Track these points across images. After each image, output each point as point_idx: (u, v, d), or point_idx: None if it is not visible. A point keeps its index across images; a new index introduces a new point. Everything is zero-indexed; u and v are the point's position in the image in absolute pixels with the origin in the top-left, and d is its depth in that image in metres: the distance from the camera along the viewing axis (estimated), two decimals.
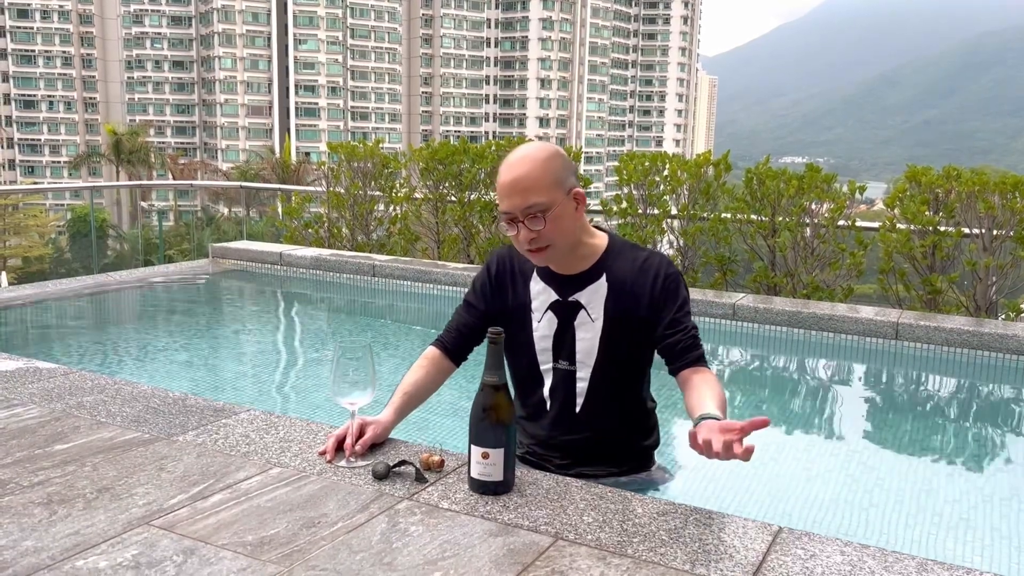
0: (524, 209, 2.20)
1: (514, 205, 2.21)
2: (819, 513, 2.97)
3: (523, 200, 2.20)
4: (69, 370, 3.02)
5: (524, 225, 2.21)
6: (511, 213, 2.23)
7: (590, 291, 2.35)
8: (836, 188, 6.22)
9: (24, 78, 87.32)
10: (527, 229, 2.21)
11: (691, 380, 2.23)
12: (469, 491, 2.03)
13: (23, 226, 26.81)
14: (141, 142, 50.64)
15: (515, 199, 2.21)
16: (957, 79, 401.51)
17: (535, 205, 2.20)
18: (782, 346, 5.10)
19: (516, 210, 2.21)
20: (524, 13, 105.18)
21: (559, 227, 2.23)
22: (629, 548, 1.78)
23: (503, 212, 2.25)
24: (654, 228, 6.61)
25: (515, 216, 2.22)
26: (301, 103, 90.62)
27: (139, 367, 4.65)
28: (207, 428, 2.43)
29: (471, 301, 2.49)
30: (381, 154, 8.08)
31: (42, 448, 2.26)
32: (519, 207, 2.21)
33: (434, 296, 6.12)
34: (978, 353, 4.61)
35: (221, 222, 17.91)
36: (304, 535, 1.80)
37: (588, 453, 2.43)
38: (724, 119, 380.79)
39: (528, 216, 2.20)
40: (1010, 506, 3.10)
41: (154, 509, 1.91)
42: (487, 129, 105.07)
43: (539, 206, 2.20)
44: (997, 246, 5.63)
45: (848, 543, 1.82)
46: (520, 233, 2.23)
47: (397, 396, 2.33)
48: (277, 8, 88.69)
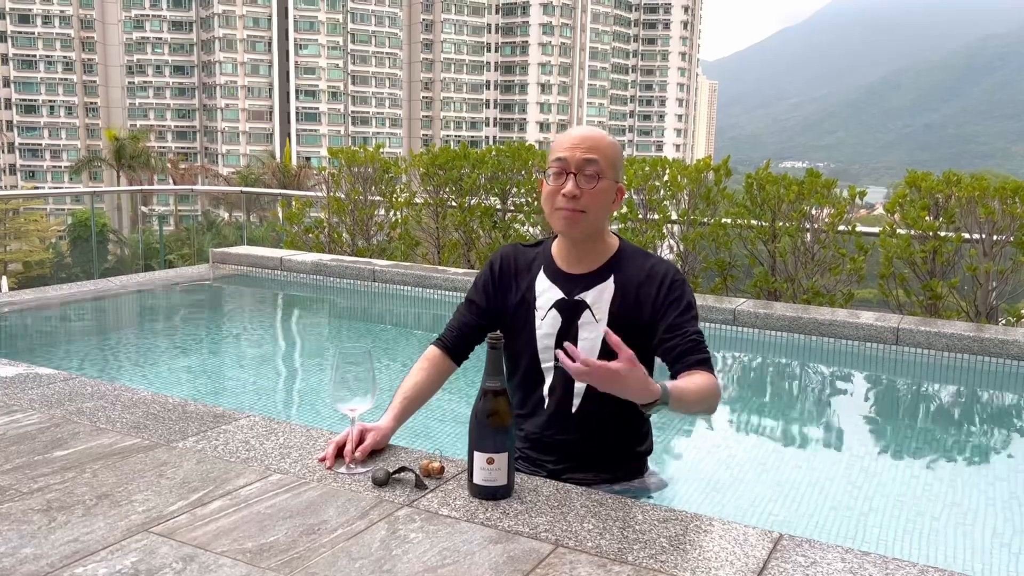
0: (584, 161, 2.24)
1: (576, 156, 2.25)
2: (820, 520, 2.96)
3: (586, 153, 2.24)
4: (69, 376, 3.02)
5: (576, 178, 2.24)
6: (567, 163, 2.25)
7: (596, 291, 2.35)
8: (836, 193, 6.22)
9: (25, 83, 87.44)
10: (575, 183, 2.24)
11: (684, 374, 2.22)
12: (469, 498, 2.02)
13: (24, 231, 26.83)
14: (142, 147, 50.66)
15: (578, 151, 2.25)
16: (959, 83, 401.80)
17: (595, 162, 2.25)
18: (782, 351, 5.10)
19: (574, 160, 2.25)
20: (524, 18, 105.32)
21: (601, 200, 2.28)
22: (629, 555, 1.78)
23: (558, 159, 2.27)
24: (654, 233, 6.61)
25: (569, 167, 2.25)
26: (302, 108, 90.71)
27: (139, 373, 4.65)
28: (207, 434, 2.42)
29: (473, 299, 2.49)
30: (382, 159, 8.09)
31: (42, 454, 2.26)
32: (580, 158, 2.24)
33: (434, 301, 6.12)
34: (978, 358, 4.60)
35: (222, 227, 17.91)
36: (304, 542, 1.80)
37: (581, 455, 2.42)
38: (725, 123, 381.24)
39: (582, 172, 2.24)
40: (1011, 511, 3.10)
41: (154, 516, 1.91)
42: (487, 134, 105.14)
43: (598, 166, 2.25)
44: (997, 251, 5.63)
45: (849, 550, 1.82)
46: (567, 183, 2.25)
47: (397, 401, 2.33)
48: (278, 13, 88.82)
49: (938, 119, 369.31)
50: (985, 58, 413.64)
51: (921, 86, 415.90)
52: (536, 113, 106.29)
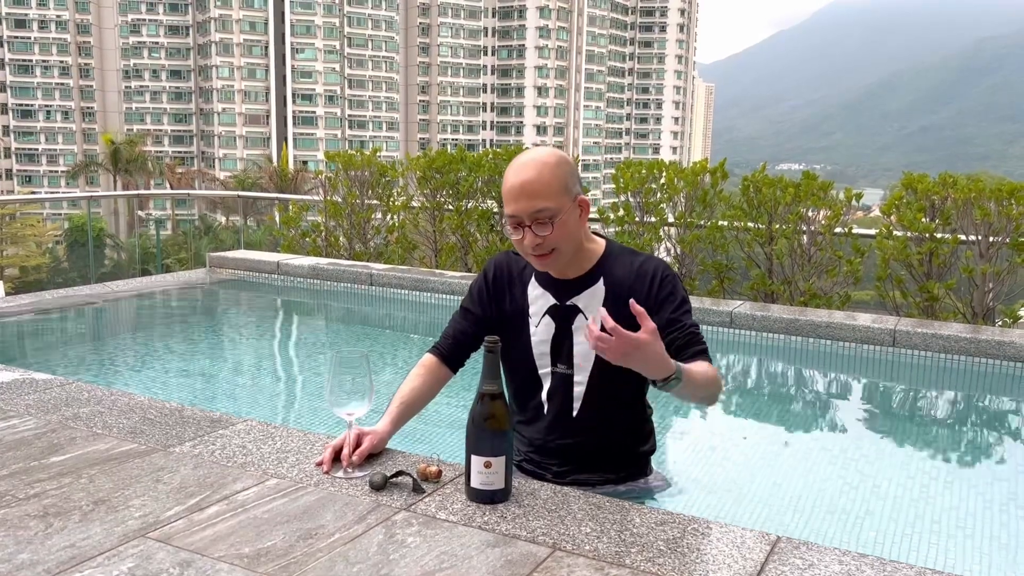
0: (532, 213, 2.19)
1: (521, 209, 2.20)
2: (817, 522, 2.96)
3: (531, 205, 2.19)
4: (65, 381, 3.02)
5: (531, 230, 2.21)
6: (518, 217, 2.21)
7: (587, 295, 2.35)
8: (833, 195, 6.22)
9: (22, 88, 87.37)
10: (533, 234, 2.21)
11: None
12: (467, 501, 2.02)
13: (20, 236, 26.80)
14: (139, 151, 50.66)
15: (523, 203, 2.20)
16: (955, 85, 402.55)
17: (543, 210, 2.19)
18: (779, 354, 5.10)
19: (523, 214, 2.20)
20: (521, 22, 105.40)
21: (565, 233, 2.24)
22: (627, 558, 1.78)
23: (509, 216, 2.23)
24: (651, 236, 6.62)
25: (522, 220, 2.21)
26: (298, 112, 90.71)
27: (135, 378, 4.64)
28: (204, 439, 2.42)
29: (468, 307, 2.49)
30: (378, 163, 8.09)
31: (38, 460, 2.26)
32: (527, 211, 2.20)
33: (431, 305, 6.12)
34: (975, 360, 4.61)
35: (219, 231, 17.91)
36: (301, 546, 1.80)
37: (585, 458, 2.43)
38: (721, 126, 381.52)
39: (536, 221, 2.20)
40: (1008, 514, 3.10)
41: (150, 521, 1.90)
42: (484, 137, 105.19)
43: (547, 211, 2.19)
44: (994, 253, 5.64)
45: (846, 552, 1.82)
46: (526, 238, 2.22)
47: (394, 406, 2.33)
48: (274, 17, 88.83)
49: (935, 121, 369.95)
50: (982, 60, 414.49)
51: (918, 88, 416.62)
52: (533, 116, 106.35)
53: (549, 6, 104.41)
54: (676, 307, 2.29)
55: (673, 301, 2.30)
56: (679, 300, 2.31)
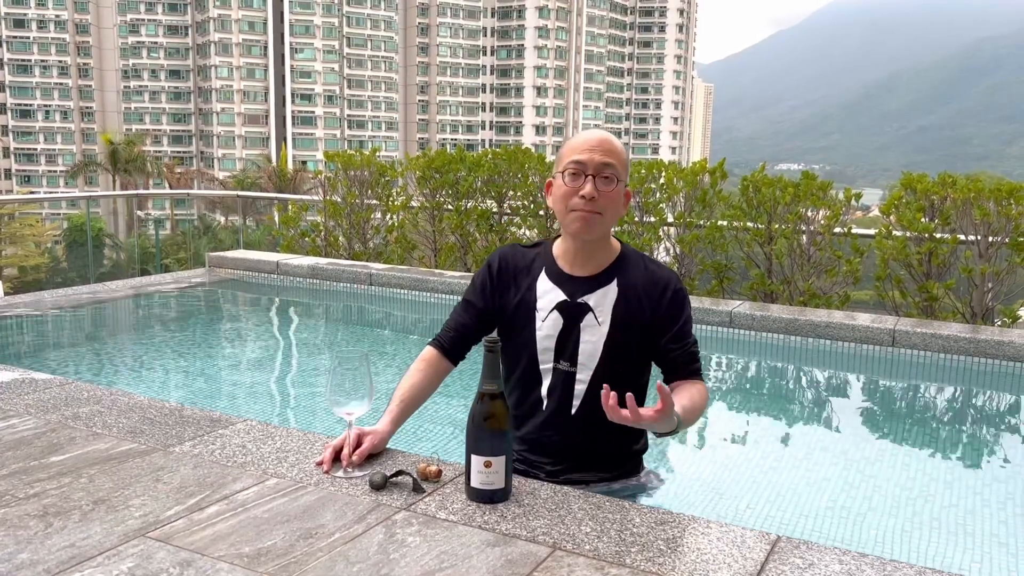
0: (601, 165, 2.26)
1: (594, 159, 2.26)
2: (817, 521, 2.96)
3: (604, 158, 2.27)
4: (65, 381, 3.02)
5: (594, 180, 2.26)
6: (585, 164, 2.27)
7: (600, 294, 2.36)
8: (832, 195, 6.23)
9: (20, 87, 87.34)
10: (593, 186, 2.26)
11: (680, 386, 2.31)
12: (467, 501, 2.02)
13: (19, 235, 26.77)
14: (138, 151, 50.60)
15: (596, 154, 2.27)
16: (954, 85, 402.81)
17: (612, 167, 2.27)
18: (779, 353, 5.11)
19: (592, 164, 2.26)
20: (520, 22, 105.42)
21: (616, 202, 2.31)
22: (627, 558, 1.78)
23: (576, 162, 2.28)
24: (651, 236, 6.62)
25: (588, 170, 2.27)
26: (297, 112, 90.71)
27: (135, 377, 4.64)
28: (204, 439, 2.42)
29: (470, 299, 2.49)
30: (378, 163, 8.09)
31: (38, 460, 2.26)
32: (599, 162, 2.26)
33: (431, 304, 6.12)
34: (975, 360, 4.61)
35: (218, 231, 17.89)
36: (301, 546, 1.80)
37: (579, 457, 2.43)
38: (720, 126, 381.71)
39: (601, 174, 2.26)
40: (1007, 512, 3.10)
41: (150, 521, 1.90)
42: (484, 137, 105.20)
43: (614, 170, 2.28)
44: (993, 252, 5.64)
45: (846, 552, 1.82)
46: (586, 186, 2.26)
47: (394, 405, 2.33)
48: (273, 17, 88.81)
49: (934, 121, 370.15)
50: (981, 60, 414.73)
51: (917, 88, 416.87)
52: (532, 116, 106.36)
53: (548, 6, 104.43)
54: (683, 323, 2.37)
55: (681, 316, 2.37)
56: (686, 316, 2.38)
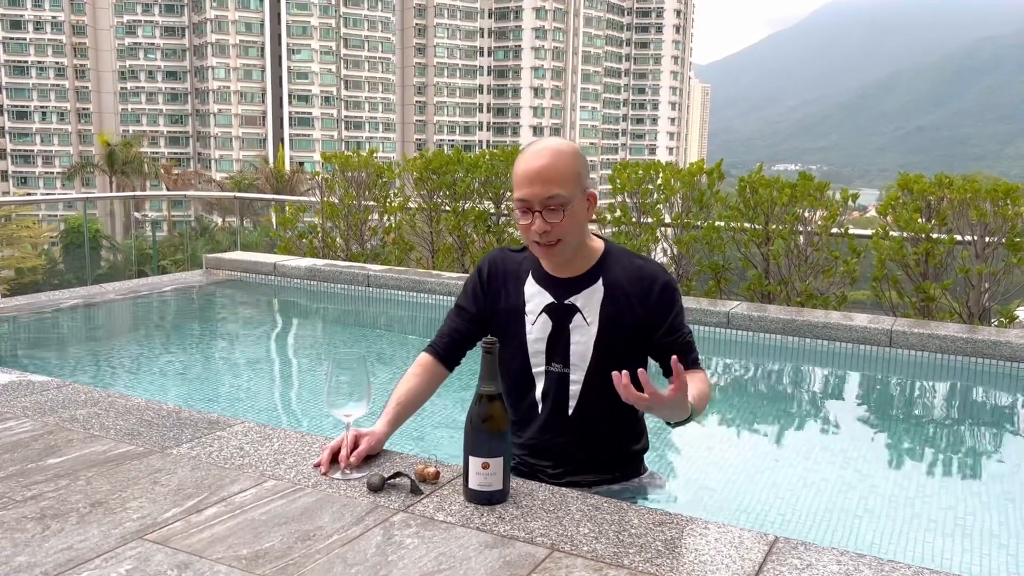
0: (544, 199, 2.20)
1: (534, 194, 2.20)
2: (815, 522, 2.97)
3: (545, 190, 2.19)
4: (62, 383, 3.01)
5: (541, 216, 2.21)
6: (529, 202, 2.22)
7: (586, 295, 2.36)
8: (829, 196, 6.23)
9: (17, 89, 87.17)
10: (543, 220, 2.21)
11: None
12: (465, 502, 2.02)
13: (16, 237, 26.72)
14: (135, 153, 50.53)
15: (536, 188, 2.20)
16: (951, 85, 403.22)
17: (556, 197, 2.19)
18: (776, 354, 5.11)
19: (535, 199, 2.20)
20: (517, 22, 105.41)
21: (573, 223, 2.24)
22: (625, 559, 1.78)
23: (520, 200, 2.23)
24: (648, 237, 6.62)
25: (532, 205, 2.22)
26: (295, 113, 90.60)
27: (133, 379, 4.64)
28: (201, 440, 2.42)
29: (463, 305, 2.49)
30: (375, 164, 8.08)
31: (35, 462, 2.25)
32: (540, 196, 2.20)
33: (429, 305, 6.12)
34: (972, 360, 4.62)
35: (215, 232, 17.88)
36: (299, 548, 1.80)
37: (579, 458, 2.43)
38: (718, 127, 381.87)
39: (547, 207, 2.20)
40: (1005, 512, 3.11)
41: (148, 523, 1.90)
42: (481, 138, 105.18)
43: (559, 199, 2.20)
44: (989, 253, 5.65)
45: (844, 552, 1.82)
46: (535, 223, 2.22)
47: (391, 407, 2.33)
48: (270, 18, 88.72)
49: (931, 121, 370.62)
50: (978, 61, 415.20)
51: (915, 89, 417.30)
52: (529, 117, 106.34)
53: (545, 7, 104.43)
54: (676, 314, 2.35)
55: (673, 308, 2.34)
56: (678, 307, 2.36)
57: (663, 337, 2.33)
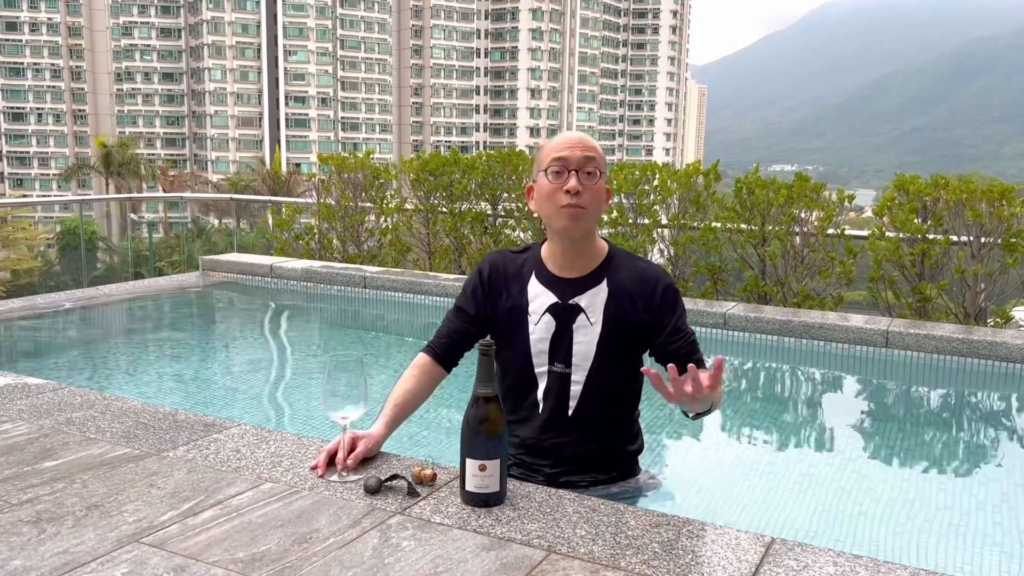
0: (583, 160, 2.31)
1: (576, 155, 2.31)
2: (811, 523, 2.97)
3: (585, 153, 2.31)
4: (58, 386, 3.01)
5: (578, 175, 2.30)
6: (567, 160, 2.31)
7: (590, 295, 2.37)
8: (825, 197, 6.24)
9: (13, 90, 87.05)
10: (577, 180, 2.29)
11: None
12: (462, 505, 2.02)
13: (12, 239, 26.67)
14: (131, 154, 50.52)
15: (577, 150, 2.31)
16: (947, 86, 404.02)
17: (593, 160, 2.32)
18: (773, 355, 5.11)
19: (575, 159, 2.30)
20: (513, 24, 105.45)
21: (599, 198, 2.35)
22: (622, 560, 1.78)
23: (558, 159, 2.31)
24: (644, 238, 6.63)
25: (571, 165, 2.30)
26: (291, 114, 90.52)
27: (129, 382, 4.63)
28: (197, 443, 2.41)
29: (462, 306, 2.50)
30: (372, 165, 8.08)
31: (31, 465, 2.25)
32: (580, 156, 2.31)
33: (426, 307, 6.11)
34: (968, 360, 4.62)
35: (212, 234, 17.85)
36: (296, 551, 1.79)
37: (577, 458, 2.44)
38: (714, 127, 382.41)
39: (585, 169, 2.30)
40: (1001, 513, 3.11)
41: (144, 526, 1.90)
42: (478, 139, 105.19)
43: (595, 163, 2.33)
44: (985, 253, 5.66)
45: (840, 553, 1.82)
46: (570, 181, 2.29)
47: (388, 408, 2.33)
48: (267, 20, 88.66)
49: (927, 122, 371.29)
50: (974, 61, 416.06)
51: (910, 89, 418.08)
52: (526, 118, 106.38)
53: (541, 8, 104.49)
54: (679, 316, 2.39)
55: (676, 311, 2.39)
56: (680, 309, 2.40)
57: (668, 338, 2.36)
